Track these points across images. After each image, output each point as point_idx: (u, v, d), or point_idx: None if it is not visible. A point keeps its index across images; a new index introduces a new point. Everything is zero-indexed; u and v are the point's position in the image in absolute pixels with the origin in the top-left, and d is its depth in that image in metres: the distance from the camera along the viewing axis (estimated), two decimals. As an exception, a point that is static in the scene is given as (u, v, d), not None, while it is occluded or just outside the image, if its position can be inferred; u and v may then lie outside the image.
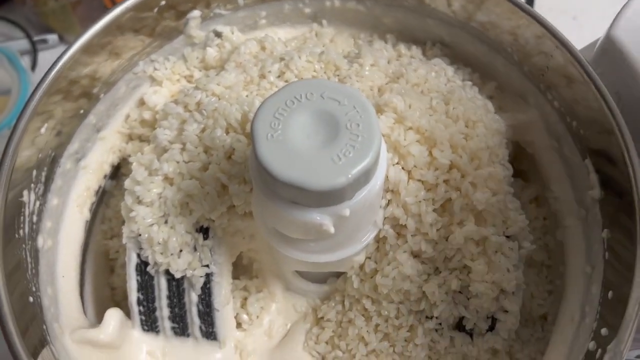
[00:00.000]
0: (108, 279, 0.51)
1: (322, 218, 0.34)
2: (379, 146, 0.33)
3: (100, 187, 0.49)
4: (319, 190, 0.32)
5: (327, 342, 0.45)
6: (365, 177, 0.33)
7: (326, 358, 0.45)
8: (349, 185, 0.32)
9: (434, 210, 0.41)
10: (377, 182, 0.35)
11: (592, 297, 0.39)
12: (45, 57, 0.76)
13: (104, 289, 0.50)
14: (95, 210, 0.50)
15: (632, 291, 0.33)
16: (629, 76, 0.40)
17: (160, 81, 0.49)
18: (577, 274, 0.42)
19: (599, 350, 0.34)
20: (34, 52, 0.76)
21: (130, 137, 0.50)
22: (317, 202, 0.33)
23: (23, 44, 0.76)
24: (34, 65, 0.76)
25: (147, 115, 0.49)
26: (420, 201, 0.40)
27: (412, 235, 0.41)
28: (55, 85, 0.42)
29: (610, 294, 0.36)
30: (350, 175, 0.32)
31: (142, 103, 0.50)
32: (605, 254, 0.39)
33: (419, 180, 0.41)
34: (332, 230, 0.35)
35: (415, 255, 0.41)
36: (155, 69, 0.49)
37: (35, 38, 0.77)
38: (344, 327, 0.44)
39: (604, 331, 0.35)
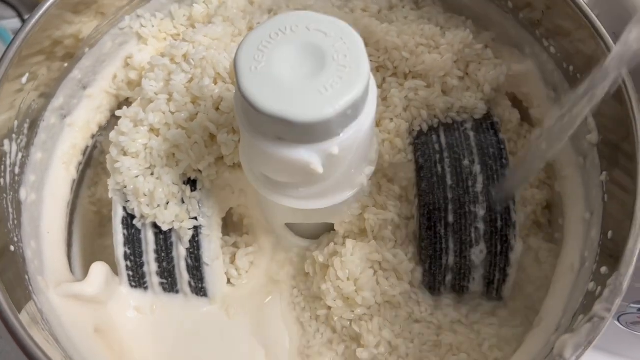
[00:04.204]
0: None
1: (310, 156, 0.33)
2: (367, 77, 0.32)
3: (87, 146, 0.48)
4: (304, 122, 0.30)
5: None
6: (353, 110, 0.32)
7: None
8: (337, 118, 0.31)
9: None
10: (366, 120, 0.34)
11: (592, 242, 0.37)
12: (37, 36, 0.75)
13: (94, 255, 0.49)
14: (83, 173, 0.49)
15: (633, 225, 0.32)
16: (627, 16, 0.39)
17: (147, 39, 0.48)
18: (576, 222, 0.40)
19: (599, 288, 0.33)
20: (25, 31, 0.75)
21: (117, 99, 0.49)
22: (303, 138, 0.32)
23: (14, 23, 0.75)
24: (25, 45, 0.75)
25: (133, 75, 0.47)
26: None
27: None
28: (38, 43, 0.41)
29: (610, 234, 0.35)
30: (337, 106, 0.30)
31: (128, 64, 0.48)
32: (604, 197, 0.37)
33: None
34: (320, 169, 0.33)
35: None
36: (141, 25, 0.48)
37: (27, 17, 0.76)
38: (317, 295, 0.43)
39: (603, 270, 0.34)
